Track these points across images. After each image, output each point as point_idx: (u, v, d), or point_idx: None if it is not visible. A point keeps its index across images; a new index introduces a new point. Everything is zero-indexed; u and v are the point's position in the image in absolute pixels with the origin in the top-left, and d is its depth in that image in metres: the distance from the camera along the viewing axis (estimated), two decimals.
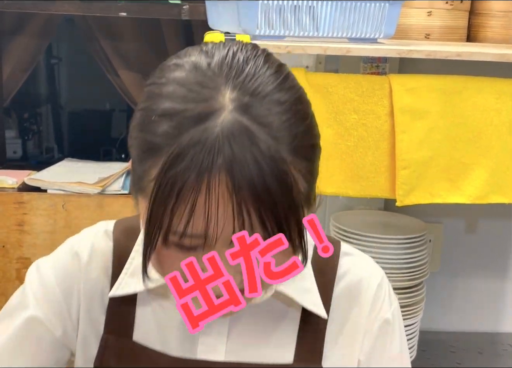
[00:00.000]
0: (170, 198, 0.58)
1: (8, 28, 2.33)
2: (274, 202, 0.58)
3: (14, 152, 3.32)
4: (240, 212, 0.58)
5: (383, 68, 1.50)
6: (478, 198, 1.23)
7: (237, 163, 0.57)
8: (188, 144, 0.57)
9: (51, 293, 0.77)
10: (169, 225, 0.59)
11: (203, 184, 0.57)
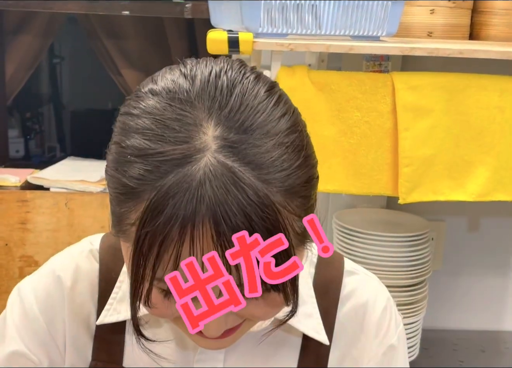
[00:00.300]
0: (152, 251, 0.53)
1: (11, 27, 2.33)
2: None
3: (16, 151, 3.33)
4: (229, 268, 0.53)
5: (385, 66, 1.50)
6: (481, 195, 1.23)
7: (222, 212, 0.51)
8: (167, 192, 0.52)
9: (33, 323, 0.72)
10: (153, 275, 0.54)
11: (187, 236, 0.52)
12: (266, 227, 0.52)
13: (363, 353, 0.75)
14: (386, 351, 0.75)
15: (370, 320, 0.75)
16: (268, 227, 0.53)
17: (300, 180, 0.56)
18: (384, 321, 0.75)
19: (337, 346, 0.74)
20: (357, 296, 0.75)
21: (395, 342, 0.76)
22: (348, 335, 0.75)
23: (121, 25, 2.31)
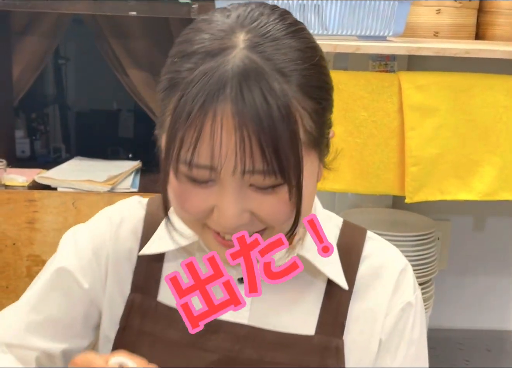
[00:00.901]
0: (181, 124, 0.62)
1: (18, 28, 2.34)
2: (277, 136, 0.62)
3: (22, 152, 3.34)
4: (242, 141, 0.61)
5: (391, 66, 1.51)
6: (487, 194, 1.23)
7: (244, 94, 0.61)
8: (200, 75, 0.62)
9: (81, 249, 0.81)
10: (178, 153, 0.63)
11: (210, 111, 0.61)
12: (281, 112, 0.61)
13: (381, 308, 0.79)
14: (404, 307, 0.79)
15: (389, 278, 0.80)
16: (283, 112, 0.61)
17: (313, 82, 0.65)
18: (402, 281, 0.80)
19: (357, 298, 0.79)
20: (377, 256, 0.82)
21: (412, 300, 0.80)
22: (368, 290, 0.80)
23: (128, 26, 2.32)
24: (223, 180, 0.65)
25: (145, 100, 2.43)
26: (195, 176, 0.65)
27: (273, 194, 0.66)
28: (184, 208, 0.68)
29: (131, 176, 2.08)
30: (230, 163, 0.63)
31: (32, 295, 0.82)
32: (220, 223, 0.66)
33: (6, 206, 1.85)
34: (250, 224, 0.67)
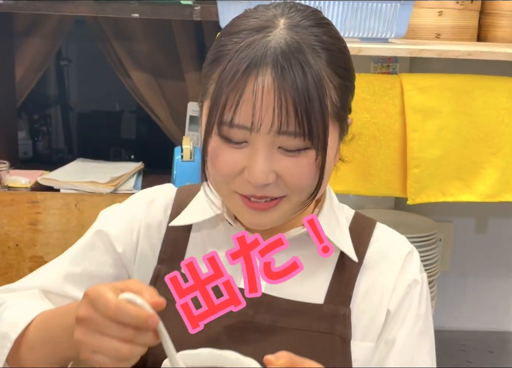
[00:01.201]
0: (225, 86, 0.73)
1: (21, 30, 2.35)
2: (309, 100, 0.72)
3: (24, 153, 3.34)
4: (280, 103, 0.71)
5: (393, 68, 1.51)
6: (489, 196, 1.24)
7: (284, 62, 0.72)
8: (245, 45, 0.74)
9: (117, 218, 0.91)
10: (222, 113, 0.73)
11: (253, 73, 0.72)
12: (314, 81, 0.73)
13: (389, 282, 0.86)
14: (410, 283, 0.86)
15: (396, 258, 0.87)
16: (316, 82, 0.73)
17: (339, 62, 0.77)
18: (409, 261, 0.88)
19: (365, 274, 0.86)
20: (385, 240, 0.89)
21: (418, 279, 0.87)
22: (376, 268, 0.87)
23: (130, 28, 2.32)
24: (256, 140, 0.74)
25: (147, 101, 2.43)
26: (232, 137, 0.75)
27: (298, 157, 0.76)
28: (218, 167, 0.77)
29: (133, 177, 2.08)
30: (267, 123, 0.73)
31: (73, 252, 0.91)
32: (250, 180, 0.75)
33: (9, 207, 1.86)
34: (274, 186, 0.76)
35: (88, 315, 0.65)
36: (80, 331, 0.66)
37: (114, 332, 0.64)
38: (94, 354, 0.65)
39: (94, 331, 0.65)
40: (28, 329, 0.79)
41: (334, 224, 0.87)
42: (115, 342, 0.64)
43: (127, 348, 0.64)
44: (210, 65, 0.78)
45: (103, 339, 0.64)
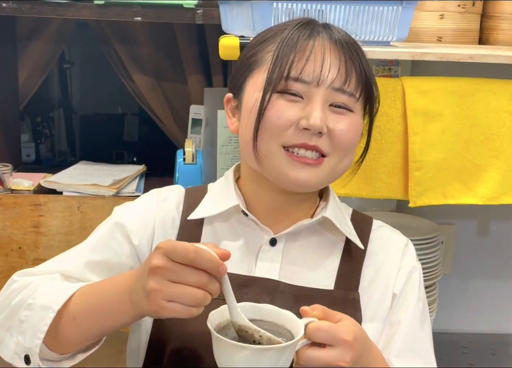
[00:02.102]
0: (290, 48, 0.84)
1: (24, 33, 2.36)
2: (369, 72, 0.88)
3: (27, 156, 3.35)
4: (345, 64, 0.85)
5: (395, 71, 1.52)
6: (491, 199, 1.24)
7: (339, 38, 0.87)
8: (298, 24, 0.87)
9: (133, 213, 0.95)
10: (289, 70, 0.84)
11: (313, 38, 0.85)
12: (363, 51, 0.89)
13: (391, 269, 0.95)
14: (410, 270, 0.96)
15: (395, 249, 0.96)
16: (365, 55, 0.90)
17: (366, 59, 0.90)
18: (406, 252, 0.97)
19: (369, 263, 0.94)
20: (384, 233, 0.99)
21: (416, 265, 0.97)
22: (378, 257, 0.95)
23: (133, 31, 2.33)
24: (315, 94, 0.85)
25: (149, 104, 2.44)
26: (295, 91, 0.85)
27: (346, 115, 0.87)
28: (272, 118, 0.84)
29: (135, 180, 2.09)
30: (330, 78, 0.85)
31: (93, 240, 0.94)
32: (309, 125, 0.83)
33: (12, 210, 1.86)
34: (323, 140, 0.85)
35: (164, 264, 0.69)
36: (155, 280, 0.69)
37: (189, 277, 0.68)
38: (168, 303, 0.69)
39: (169, 279, 0.69)
40: (69, 301, 0.81)
41: (339, 215, 0.95)
42: (190, 288, 0.68)
43: (202, 293, 0.69)
44: (260, 44, 0.89)
45: (178, 286, 0.68)
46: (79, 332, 0.80)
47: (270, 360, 0.68)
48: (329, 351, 0.73)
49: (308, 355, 0.73)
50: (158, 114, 2.44)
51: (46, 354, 0.82)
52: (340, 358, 0.74)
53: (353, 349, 0.74)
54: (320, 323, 0.74)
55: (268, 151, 0.86)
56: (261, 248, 0.92)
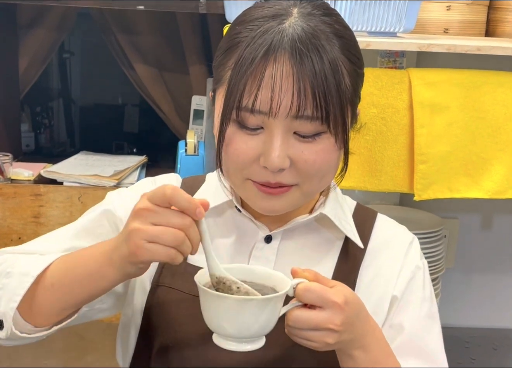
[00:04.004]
0: (244, 70, 0.74)
1: (25, 21, 2.33)
2: (327, 84, 0.74)
3: (27, 146, 3.34)
4: (298, 87, 0.73)
5: (400, 63, 1.50)
6: (497, 193, 1.22)
7: (301, 47, 0.74)
8: (262, 31, 0.75)
9: (125, 202, 0.89)
10: (240, 98, 0.75)
11: (271, 58, 0.73)
12: (330, 65, 0.74)
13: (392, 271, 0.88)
14: (413, 270, 0.89)
15: (398, 248, 0.90)
16: (331, 65, 0.74)
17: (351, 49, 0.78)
18: (411, 249, 0.91)
19: (369, 264, 0.88)
20: (387, 229, 0.92)
21: (420, 264, 0.90)
22: (378, 258, 0.89)
23: (135, 20, 2.31)
24: (273, 125, 0.76)
25: (151, 95, 2.42)
26: (249, 123, 0.76)
27: (313, 143, 0.77)
28: (233, 154, 0.78)
29: (137, 171, 2.08)
30: (285, 107, 0.74)
31: (79, 226, 0.90)
32: (267, 165, 0.76)
33: (12, 200, 1.85)
34: (287, 173, 0.77)
35: (146, 206, 0.69)
36: (137, 221, 0.69)
37: (171, 219, 0.68)
38: (147, 243, 0.68)
39: (152, 222, 0.68)
40: (48, 270, 0.79)
41: (339, 211, 0.89)
42: (171, 229, 0.68)
43: (182, 234, 0.68)
44: (224, 53, 0.79)
45: (160, 227, 0.68)
46: (56, 300, 0.79)
47: (251, 312, 0.68)
48: (318, 313, 0.71)
49: (296, 315, 0.71)
50: (160, 104, 2.42)
51: (21, 325, 0.79)
52: (330, 320, 0.71)
53: (344, 312, 0.72)
54: (309, 284, 0.72)
55: (234, 182, 0.82)
56: (255, 245, 0.88)
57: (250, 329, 0.69)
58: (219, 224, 0.89)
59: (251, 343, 0.71)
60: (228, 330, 0.69)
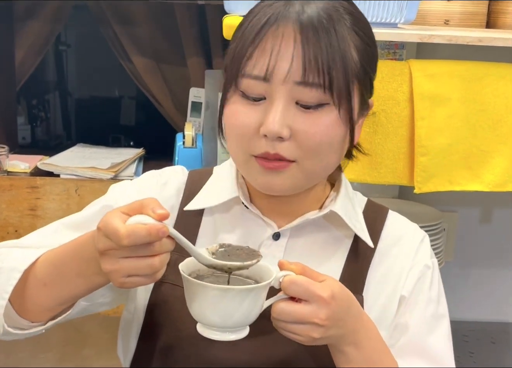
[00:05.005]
0: (246, 37, 0.73)
1: (21, 13, 2.32)
2: (331, 52, 0.72)
3: (23, 138, 3.32)
4: (299, 51, 0.71)
5: (400, 55, 1.49)
6: (497, 186, 1.22)
7: (306, 14, 0.72)
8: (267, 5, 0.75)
9: (128, 196, 0.86)
10: (241, 63, 0.73)
11: (274, 25, 0.72)
12: (336, 32, 0.73)
13: (402, 270, 0.86)
14: (421, 269, 0.87)
15: (408, 247, 0.88)
16: (337, 33, 0.73)
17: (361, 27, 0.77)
18: (421, 248, 0.88)
19: (378, 263, 0.86)
20: (399, 228, 0.90)
21: (429, 264, 0.88)
22: (388, 257, 0.87)
23: (133, 11, 2.30)
24: (273, 91, 0.73)
25: (148, 87, 2.41)
26: (250, 91, 0.74)
27: (315, 114, 0.74)
28: (235, 127, 0.76)
29: (134, 164, 2.06)
30: (283, 71, 0.72)
31: (78, 219, 0.88)
32: (264, 131, 0.73)
33: (8, 193, 1.84)
34: (287, 145, 0.75)
35: (109, 246, 0.66)
36: (108, 262, 0.67)
37: (139, 250, 0.66)
38: (128, 278, 0.67)
39: (121, 258, 0.67)
40: (36, 265, 0.77)
41: (350, 209, 0.86)
42: (144, 259, 0.66)
43: (158, 260, 0.67)
44: (234, 33, 0.78)
45: (133, 261, 0.66)
46: (50, 298, 0.77)
47: (232, 301, 0.68)
48: (303, 307, 0.70)
49: (281, 308, 0.71)
50: (157, 97, 2.41)
51: (16, 321, 0.78)
52: (314, 315, 0.70)
53: (329, 307, 0.71)
54: (295, 277, 0.71)
55: (239, 160, 0.80)
56: (262, 243, 0.86)
57: (232, 318, 0.69)
58: (226, 220, 0.88)
59: (235, 332, 0.71)
60: (211, 318, 0.69)
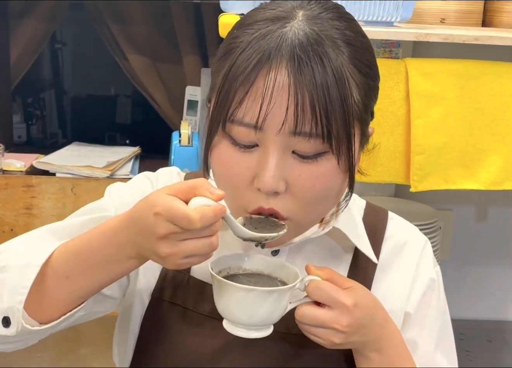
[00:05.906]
0: (234, 80, 0.66)
1: (17, 11, 2.31)
2: (329, 99, 0.65)
3: (18, 137, 3.31)
4: (294, 100, 0.64)
5: (396, 53, 1.49)
6: (493, 184, 1.22)
7: (301, 55, 0.65)
8: (259, 35, 0.66)
9: (123, 202, 0.80)
10: (227, 110, 0.66)
11: (265, 66, 0.65)
12: (334, 75, 0.65)
13: (405, 283, 0.83)
14: (427, 282, 0.84)
15: (410, 257, 0.84)
16: (336, 76, 0.65)
17: (362, 59, 0.69)
18: (423, 258, 0.85)
19: (381, 276, 0.83)
20: (399, 235, 0.85)
21: (434, 276, 0.85)
22: (391, 268, 0.83)
23: (128, 10, 2.29)
24: (267, 142, 0.67)
25: (144, 85, 2.41)
26: (240, 138, 0.68)
27: (314, 164, 0.68)
28: (227, 175, 0.70)
29: (130, 162, 2.06)
30: (278, 121, 0.65)
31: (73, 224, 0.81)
32: (259, 186, 0.68)
33: (4, 191, 1.83)
34: (282, 199, 0.69)
35: (172, 230, 0.63)
36: (167, 246, 0.64)
37: (203, 233, 0.64)
38: (185, 259, 0.65)
39: (182, 240, 0.64)
40: (51, 260, 0.72)
41: (351, 222, 0.82)
42: (204, 239, 0.65)
43: (215, 238, 0.65)
44: (220, 59, 0.71)
45: (193, 242, 0.64)
46: (73, 290, 0.73)
47: (253, 301, 0.69)
48: (326, 312, 0.71)
49: (303, 311, 0.71)
50: (153, 95, 2.40)
51: (26, 321, 0.73)
52: (335, 320, 0.70)
53: (351, 314, 0.70)
54: (320, 282, 0.71)
55: (228, 206, 0.72)
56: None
57: (255, 317, 0.70)
58: (224, 234, 0.81)
59: (259, 331, 0.72)
60: (236, 314, 0.70)
